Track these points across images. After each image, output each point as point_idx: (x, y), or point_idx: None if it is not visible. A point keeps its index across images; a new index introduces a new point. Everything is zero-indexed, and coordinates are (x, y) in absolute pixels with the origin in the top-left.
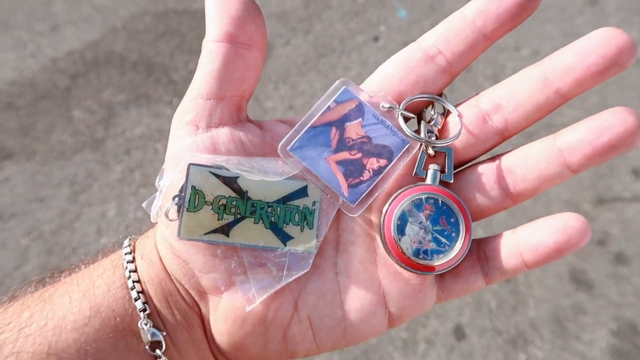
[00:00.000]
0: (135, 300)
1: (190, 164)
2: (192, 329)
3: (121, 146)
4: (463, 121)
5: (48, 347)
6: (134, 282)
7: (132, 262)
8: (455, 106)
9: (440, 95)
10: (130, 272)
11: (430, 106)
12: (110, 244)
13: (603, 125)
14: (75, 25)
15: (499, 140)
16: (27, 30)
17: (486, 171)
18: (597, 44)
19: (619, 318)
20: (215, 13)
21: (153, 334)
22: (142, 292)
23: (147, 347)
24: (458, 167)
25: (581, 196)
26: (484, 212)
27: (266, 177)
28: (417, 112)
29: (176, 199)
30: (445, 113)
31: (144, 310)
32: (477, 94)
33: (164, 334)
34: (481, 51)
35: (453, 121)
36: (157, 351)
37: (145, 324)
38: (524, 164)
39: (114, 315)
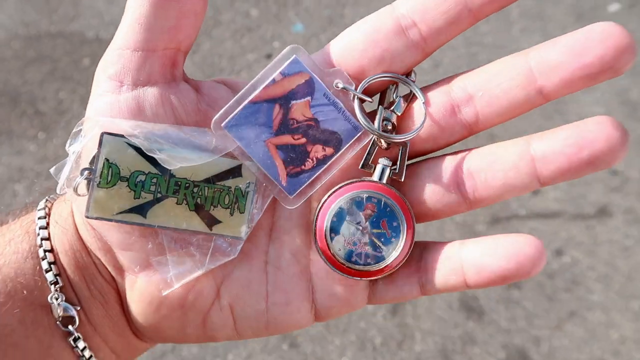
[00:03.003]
0: (47, 272)
1: (104, 132)
2: (109, 304)
3: None
4: (429, 110)
5: None
6: (45, 251)
7: (46, 228)
8: (423, 90)
9: (409, 75)
10: (42, 239)
11: (394, 87)
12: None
13: (584, 137)
14: None
15: (465, 134)
16: None
17: (444, 171)
18: (596, 42)
19: (508, 345)
20: None
21: (65, 309)
22: (55, 262)
23: (58, 322)
24: (413, 157)
25: (475, 216)
26: (434, 215)
27: (190, 160)
28: (381, 90)
29: (86, 172)
30: (411, 97)
31: (56, 282)
32: (449, 78)
33: (78, 308)
34: (462, 30)
35: (417, 108)
36: (70, 327)
37: (57, 298)
38: (490, 168)
39: (21, 287)
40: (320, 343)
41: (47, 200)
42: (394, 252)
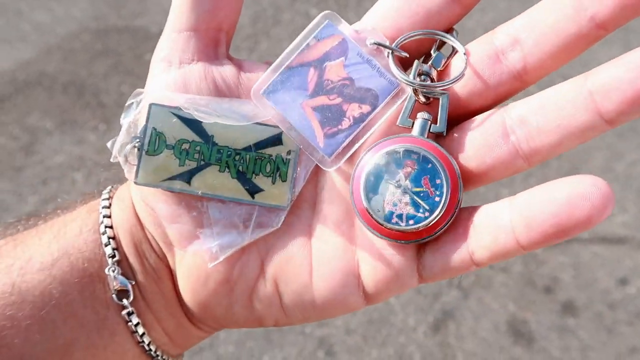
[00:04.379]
0: (106, 245)
1: (152, 103)
2: (162, 281)
3: (38, 175)
4: (470, 60)
5: (12, 287)
6: (106, 227)
7: (108, 207)
8: (469, 45)
9: (450, 31)
10: (104, 217)
11: (435, 46)
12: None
13: None
14: (9, 44)
15: (517, 86)
16: None
17: (490, 121)
18: None
19: None
20: None
21: (121, 282)
22: (114, 237)
23: (113, 295)
24: (462, 119)
25: None
26: (485, 174)
27: (232, 122)
28: (423, 53)
29: (135, 140)
30: (452, 53)
31: (113, 256)
32: (494, 29)
33: (133, 282)
34: None
35: (458, 62)
36: (124, 300)
37: (113, 271)
38: (542, 111)
39: (82, 259)
40: (356, 354)
41: (112, 187)
42: (438, 211)
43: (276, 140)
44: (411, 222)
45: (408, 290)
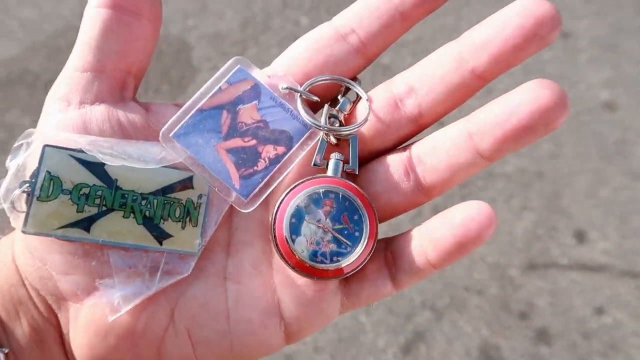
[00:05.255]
0: None
1: (46, 145)
2: (46, 344)
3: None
4: (372, 106)
5: None
6: None
7: None
8: (367, 92)
9: (354, 79)
10: None
11: (342, 91)
12: None
13: (513, 104)
14: None
15: (414, 129)
16: None
17: (394, 161)
18: (514, 15)
19: None
20: None
21: None
22: None
23: None
24: (368, 159)
25: (510, 258)
26: (394, 209)
27: (140, 164)
28: (330, 99)
29: (25, 185)
30: (357, 99)
31: None
32: (392, 78)
33: (6, 351)
34: (399, 33)
35: (362, 107)
36: None
37: None
38: (433, 151)
39: None
40: None
41: None
42: (359, 246)
43: (186, 183)
44: (335, 258)
45: (380, 309)
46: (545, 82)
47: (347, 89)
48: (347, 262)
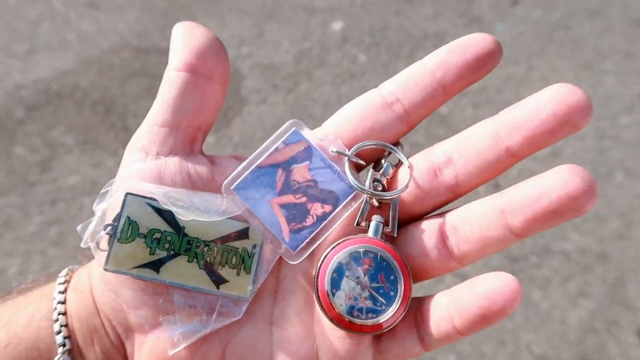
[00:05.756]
0: (57, 333)
1: (128, 193)
2: None
3: (49, 194)
4: (413, 174)
5: None
6: (59, 314)
7: (64, 292)
8: (409, 157)
9: (396, 144)
10: (58, 303)
11: (386, 155)
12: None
13: (544, 186)
14: (52, 52)
15: (451, 197)
16: (4, 51)
17: (429, 228)
18: (548, 100)
19: None
20: (179, 44)
21: None
22: (66, 325)
23: None
24: (407, 222)
25: (560, 352)
26: (427, 271)
27: (202, 217)
28: (374, 161)
29: (108, 227)
30: (398, 164)
31: (63, 345)
32: (432, 146)
33: None
34: (440, 103)
35: (403, 173)
36: None
37: None
38: (467, 223)
39: (33, 347)
40: None
41: (69, 269)
42: (394, 305)
43: (243, 234)
44: (370, 315)
45: None
46: (577, 169)
47: (390, 153)
48: (382, 319)
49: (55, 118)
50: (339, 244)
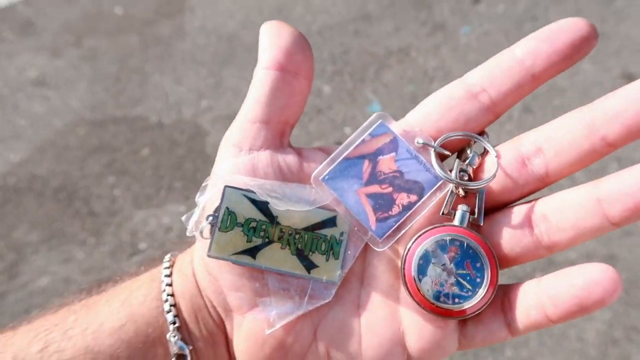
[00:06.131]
0: (167, 312)
1: (226, 186)
2: (217, 346)
3: (21, 302)
4: (500, 163)
5: (85, 350)
6: (168, 295)
7: (169, 276)
8: (495, 146)
9: (482, 134)
10: (166, 285)
11: (470, 145)
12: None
13: None
14: (3, 143)
15: (540, 186)
16: None
17: (518, 216)
18: None
19: None
20: (268, 43)
21: (180, 347)
22: (175, 305)
23: (173, 359)
24: (492, 210)
25: None
26: (514, 259)
27: (295, 207)
28: (458, 150)
29: (210, 218)
30: (484, 153)
31: (174, 323)
32: (519, 136)
33: (190, 348)
34: (528, 91)
35: (490, 162)
36: None
37: (174, 337)
38: (560, 211)
39: (147, 325)
40: None
41: (171, 255)
42: (480, 291)
43: (331, 222)
44: (457, 300)
45: None
46: None
47: (475, 142)
48: (468, 304)
49: (16, 216)
50: (425, 232)
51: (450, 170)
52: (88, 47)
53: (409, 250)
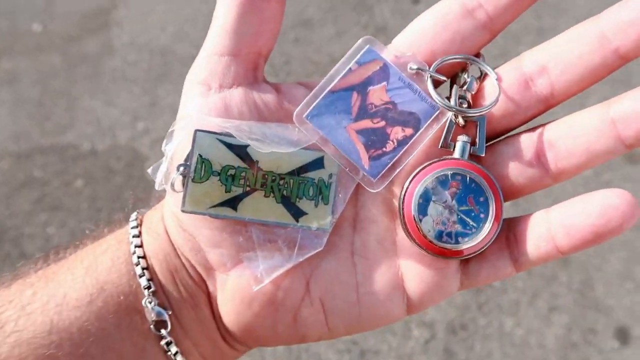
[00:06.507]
0: (140, 277)
1: (197, 130)
2: (199, 307)
3: None
4: (502, 85)
5: (50, 326)
6: (139, 257)
7: (138, 236)
8: (494, 69)
9: (478, 55)
10: (135, 247)
11: (466, 68)
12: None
13: None
14: None
15: (542, 109)
16: None
17: (524, 144)
18: None
19: None
20: None
21: (158, 313)
22: (147, 268)
23: (151, 326)
24: (493, 138)
25: None
26: (519, 190)
27: (278, 148)
28: (451, 74)
29: (181, 168)
30: (482, 76)
31: (149, 287)
32: (519, 56)
33: (169, 312)
34: (527, 5)
35: (490, 86)
36: (162, 331)
37: (150, 302)
38: (570, 135)
39: (117, 292)
40: None
41: (137, 212)
42: (485, 227)
43: (318, 164)
44: (460, 239)
45: None
46: None
47: (468, 65)
48: (472, 243)
49: None
50: (424, 167)
51: (448, 98)
52: (5, 70)
53: (407, 189)
